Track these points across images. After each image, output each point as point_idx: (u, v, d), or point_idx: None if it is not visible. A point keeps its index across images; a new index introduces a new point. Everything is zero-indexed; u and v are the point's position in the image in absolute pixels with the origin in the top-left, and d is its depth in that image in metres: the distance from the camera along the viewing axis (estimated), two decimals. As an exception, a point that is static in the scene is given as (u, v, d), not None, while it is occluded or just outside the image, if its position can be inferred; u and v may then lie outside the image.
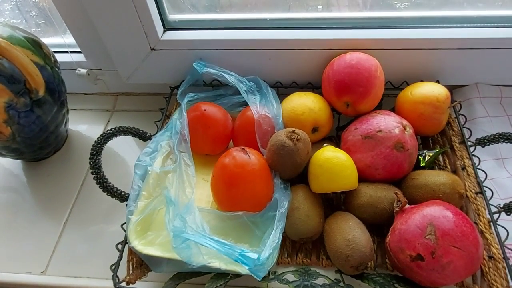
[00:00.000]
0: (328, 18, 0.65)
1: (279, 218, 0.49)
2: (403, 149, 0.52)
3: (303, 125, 0.57)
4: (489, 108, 0.66)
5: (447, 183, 0.50)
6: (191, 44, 0.65)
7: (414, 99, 0.58)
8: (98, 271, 0.56)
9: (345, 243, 0.47)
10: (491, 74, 0.66)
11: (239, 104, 0.66)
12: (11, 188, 0.68)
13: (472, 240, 0.42)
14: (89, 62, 0.74)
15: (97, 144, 0.54)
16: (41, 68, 0.59)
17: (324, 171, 0.52)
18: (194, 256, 0.46)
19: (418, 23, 0.63)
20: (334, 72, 0.59)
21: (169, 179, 0.55)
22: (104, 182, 0.52)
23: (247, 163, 0.52)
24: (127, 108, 0.79)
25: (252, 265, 0.44)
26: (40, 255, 0.59)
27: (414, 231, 0.44)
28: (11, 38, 0.56)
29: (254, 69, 0.66)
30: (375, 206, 0.51)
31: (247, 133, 0.59)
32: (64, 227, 0.62)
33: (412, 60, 0.64)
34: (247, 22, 0.66)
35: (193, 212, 0.50)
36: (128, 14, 0.60)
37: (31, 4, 0.72)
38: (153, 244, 0.51)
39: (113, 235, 0.56)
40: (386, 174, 0.53)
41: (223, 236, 0.49)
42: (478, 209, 0.51)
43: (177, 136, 0.59)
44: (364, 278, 0.48)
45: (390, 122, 0.54)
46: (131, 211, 0.51)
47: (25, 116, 0.58)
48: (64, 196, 0.66)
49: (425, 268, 0.42)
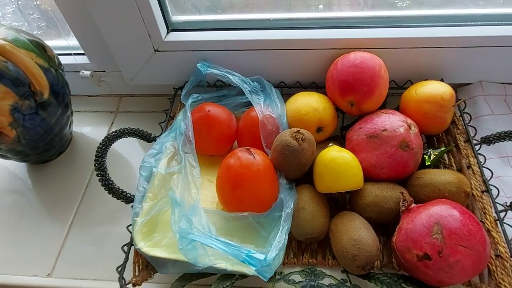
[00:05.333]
0: (332, 18, 0.65)
1: (285, 218, 0.49)
2: (408, 148, 0.52)
3: (308, 125, 0.57)
4: (493, 106, 0.66)
5: (453, 181, 0.50)
6: (194, 45, 0.65)
7: (418, 98, 0.58)
8: (104, 273, 0.56)
9: (351, 243, 0.47)
10: (495, 72, 0.66)
11: (243, 104, 0.66)
12: (16, 190, 0.68)
13: (479, 239, 0.42)
14: (93, 64, 0.75)
15: (102, 146, 0.54)
16: (46, 71, 0.59)
17: (329, 171, 0.52)
18: (200, 257, 0.46)
19: (421, 22, 0.63)
20: (338, 72, 0.59)
21: (174, 180, 0.55)
22: (110, 184, 0.52)
23: (252, 164, 0.52)
24: (131, 109, 0.79)
25: (259, 266, 0.44)
26: (46, 258, 0.59)
27: (421, 230, 0.44)
28: (15, 41, 0.56)
29: (257, 70, 0.66)
30: (381, 205, 0.51)
31: (251, 133, 0.59)
32: (70, 229, 0.62)
33: (416, 59, 0.63)
34: (250, 22, 0.66)
35: (199, 213, 0.50)
36: (131, 15, 0.60)
37: (33, 6, 0.72)
38: (159, 245, 0.51)
39: (118, 237, 0.57)
40: (392, 174, 0.53)
41: (228, 237, 0.49)
42: (484, 207, 0.50)
43: (182, 137, 0.59)
44: (370, 278, 0.48)
45: (395, 121, 0.54)
46: (137, 213, 0.52)
47: (30, 119, 0.58)
48: (69, 198, 0.66)
49: (432, 267, 0.42)
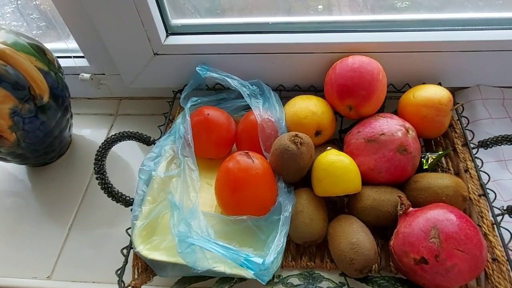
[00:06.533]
0: (331, 22, 0.65)
1: (283, 222, 0.50)
2: (406, 152, 0.52)
3: (306, 129, 0.58)
4: (491, 110, 0.66)
5: (450, 185, 0.50)
6: (193, 49, 0.66)
7: (416, 101, 0.58)
8: (103, 276, 0.56)
9: (349, 246, 0.47)
10: (493, 76, 0.66)
11: (242, 108, 0.66)
12: (16, 193, 0.69)
13: (476, 243, 0.42)
14: (92, 67, 0.75)
15: (102, 149, 0.54)
16: (45, 74, 0.59)
17: (328, 175, 0.52)
18: (199, 260, 0.46)
19: (419, 26, 0.63)
20: (337, 76, 0.59)
21: (174, 183, 0.56)
22: (109, 187, 0.53)
23: (251, 167, 0.52)
24: (130, 112, 0.80)
25: (257, 270, 0.44)
26: (46, 260, 0.59)
27: (418, 234, 0.44)
28: (15, 45, 0.56)
29: (256, 73, 0.66)
30: (379, 209, 0.51)
31: (250, 137, 0.59)
32: (69, 232, 0.62)
33: (414, 62, 0.64)
34: (249, 26, 0.66)
35: (198, 217, 0.51)
36: (131, 19, 0.61)
37: (32, 7, 0.73)
38: (158, 248, 0.51)
39: (118, 239, 0.57)
40: (389, 177, 0.54)
41: (227, 240, 0.49)
42: (482, 211, 0.51)
43: (181, 141, 0.59)
44: (368, 281, 0.48)
45: (393, 125, 0.54)
46: (136, 216, 0.52)
47: (29, 122, 0.58)
48: (69, 201, 0.66)
49: (429, 271, 0.43)
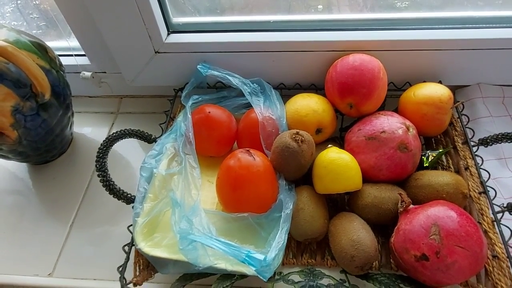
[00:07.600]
0: (331, 20, 0.65)
1: (284, 219, 0.50)
2: (407, 149, 0.53)
3: (307, 127, 0.58)
4: (491, 108, 0.66)
5: (451, 183, 0.51)
6: (195, 47, 0.66)
7: (417, 99, 0.58)
8: (105, 273, 0.56)
9: (350, 243, 0.47)
10: (493, 74, 0.66)
11: (243, 106, 0.66)
12: (17, 191, 0.69)
13: (476, 240, 0.43)
14: (94, 65, 0.75)
15: (103, 147, 0.54)
16: (47, 72, 0.59)
17: (329, 172, 0.52)
18: (200, 257, 0.47)
19: (420, 24, 0.63)
20: (338, 74, 0.59)
21: (175, 181, 0.56)
22: (111, 184, 0.53)
23: (252, 165, 0.52)
24: (132, 110, 0.80)
25: (259, 266, 0.44)
26: (47, 258, 0.59)
27: (419, 231, 0.44)
28: (17, 43, 0.56)
29: (257, 71, 0.66)
30: (379, 206, 0.51)
31: (251, 135, 0.59)
32: (71, 230, 0.63)
33: (414, 61, 0.64)
34: (250, 24, 0.67)
35: (199, 214, 0.51)
36: (132, 17, 0.61)
37: (32, 6, 0.73)
38: (159, 245, 0.51)
39: (119, 237, 0.57)
40: (390, 175, 0.54)
41: (228, 237, 0.49)
42: (482, 208, 0.51)
43: (182, 138, 0.59)
44: (369, 278, 0.48)
45: (394, 123, 0.54)
46: (138, 213, 0.52)
47: (31, 120, 0.58)
48: (70, 199, 0.66)
49: (430, 268, 0.43)
